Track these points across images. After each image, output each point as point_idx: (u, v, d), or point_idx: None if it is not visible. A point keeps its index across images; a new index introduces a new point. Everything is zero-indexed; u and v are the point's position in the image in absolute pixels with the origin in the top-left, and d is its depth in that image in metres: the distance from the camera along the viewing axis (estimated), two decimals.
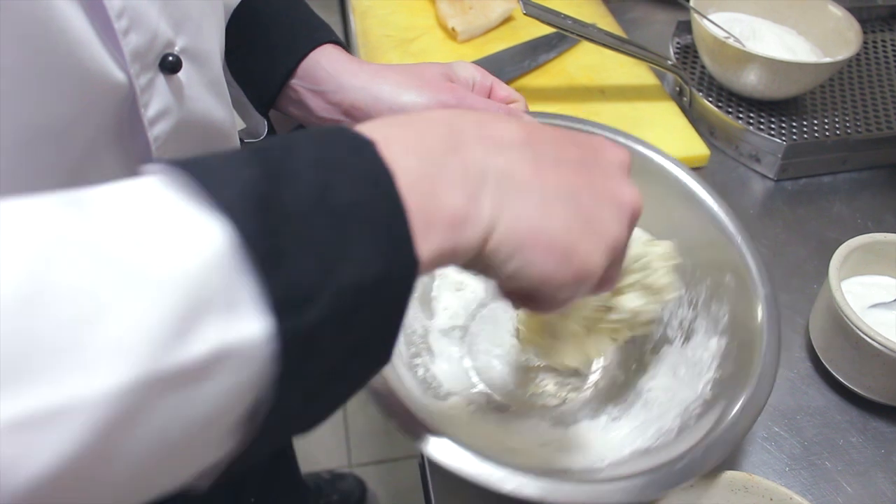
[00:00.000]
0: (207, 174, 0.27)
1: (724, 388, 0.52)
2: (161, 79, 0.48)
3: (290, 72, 0.61)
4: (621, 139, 0.66)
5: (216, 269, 0.25)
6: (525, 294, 0.38)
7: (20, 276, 0.23)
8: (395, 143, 0.31)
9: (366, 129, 0.32)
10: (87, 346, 0.23)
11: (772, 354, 0.52)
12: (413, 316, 0.63)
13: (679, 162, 0.64)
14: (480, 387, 0.60)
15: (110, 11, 0.42)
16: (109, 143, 0.47)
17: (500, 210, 0.34)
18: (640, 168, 0.64)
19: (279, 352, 0.26)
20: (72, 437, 0.23)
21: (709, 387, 0.54)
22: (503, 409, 0.59)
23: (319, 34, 0.63)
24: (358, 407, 1.64)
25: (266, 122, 0.66)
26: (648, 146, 0.65)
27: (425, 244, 0.31)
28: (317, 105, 0.62)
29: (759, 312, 0.55)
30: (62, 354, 0.23)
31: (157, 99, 0.48)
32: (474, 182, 0.33)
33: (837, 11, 0.87)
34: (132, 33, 0.44)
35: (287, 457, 0.87)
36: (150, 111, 0.47)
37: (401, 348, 0.59)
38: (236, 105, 0.70)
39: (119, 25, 0.43)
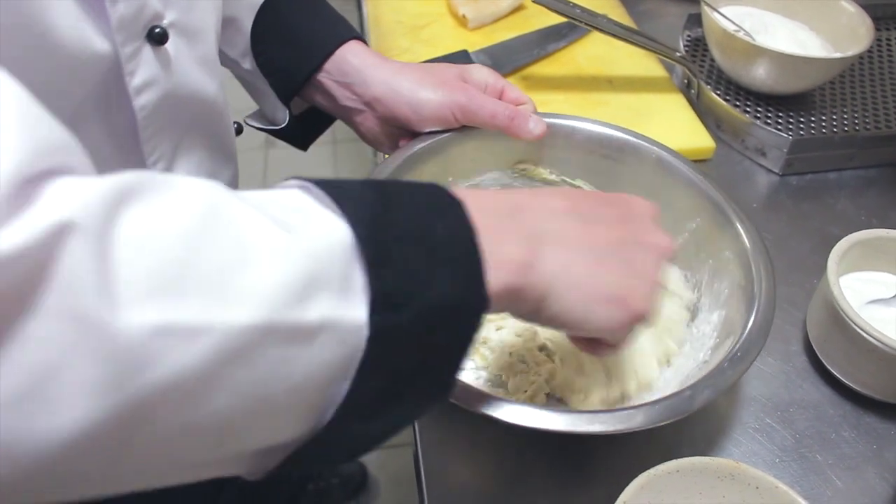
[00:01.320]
0: (338, 189, 0.34)
1: (719, 350, 0.54)
2: (148, 49, 0.49)
3: (319, 65, 0.66)
4: (622, 133, 0.67)
5: (336, 257, 0.32)
6: (590, 339, 0.46)
7: (194, 218, 0.29)
8: (473, 203, 0.38)
9: (454, 190, 0.39)
10: (232, 284, 0.29)
11: (766, 310, 0.54)
12: None
13: (678, 153, 0.65)
14: (491, 359, 0.60)
15: None
16: (94, 112, 0.49)
17: (558, 266, 0.41)
18: (635, 158, 0.65)
19: (369, 340, 0.32)
20: (200, 353, 0.28)
21: (708, 353, 0.56)
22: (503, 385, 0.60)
23: (344, 30, 0.68)
24: None
25: (287, 111, 0.70)
26: (648, 139, 0.66)
27: (495, 280, 0.37)
28: (342, 95, 0.67)
29: (755, 277, 0.56)
30: (212, 285, 0.28)
31: (144, 69, 0.49)
32: (534, 239, 0.41)
33: (850, 7, 0.86)
34: (120, 2, 0.46)
35: None
36: (135, 80, 0.49)
37: None
38: (252, 91, 0.73)
39: None
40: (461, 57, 0.88)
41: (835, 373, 0.60)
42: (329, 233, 0.32)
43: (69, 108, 0.46)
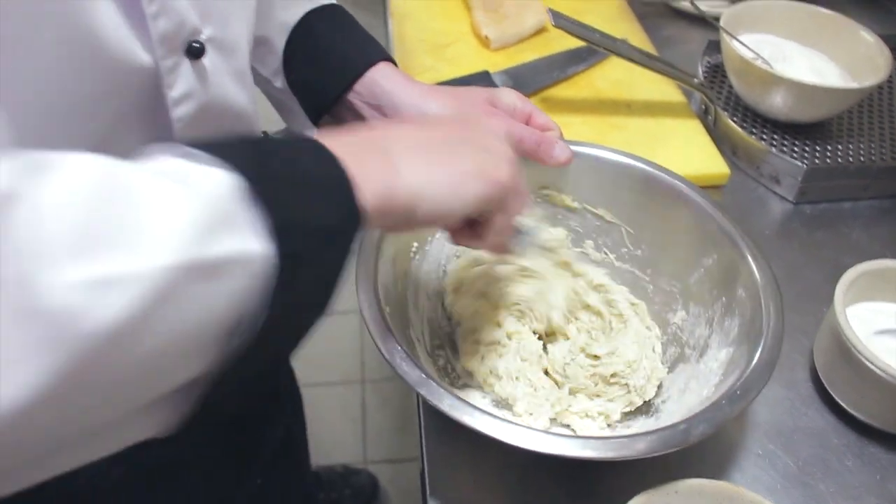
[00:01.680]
0: (217, 147, 0.38)
1: (722, 386, 0.55)
2: (186, 63, 0.51)
3: (349, 86, 0.68)
4: (644, 166, 0.67)
5: (227, 199, 0.35)
6: (468, 229, 0.53)
7: (99, 182, 0.32)
8: (329, 139, 0.43)
9: (324, 138, 0.44)
10: (143, 234, 0.31)
11: (771, 350, 0.54)
12: (441, 314, 0.67)
13: (697, 187, 0.65)
14: (498, 387, 0.61)
15: None
16: (135, 120, 0.51)
17: (415, 167, 0.46)
18: (658, 191, 0.66)
19: (275, 267, 0.36)
20: (126, 301, 0.30)
21: (712, 390, 0.56)
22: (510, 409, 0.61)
23: (375, 52, 0.70)
24: (377, 404, 1.66)
25: (316, 130, 0.72)
26: (670, 172, 0.67)
27: (365, 195, 0.42)
28: (371, 116, 0.69)
29: (765, 316, 0.57)
30: (125, 237, 0.31)
31: (182, 81, 0.52)
32: (388, 153, 0.46)
33: (869, 37, 0.87)
34: (161, 18, 0.48)
35: (297, 442, 0.90)
36: (174, 92, 0.51)
37: (425, 337, 0.63)
38: (282, 110, 0.75)
39: (149, 10, 0.47)
40: (482, 77, 0.90)
41: (840, 402, 0.61)
42: (218, 181, 0.36)
43: (112, 115, 0.49)
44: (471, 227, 0.53)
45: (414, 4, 1.07)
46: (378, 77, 0.68)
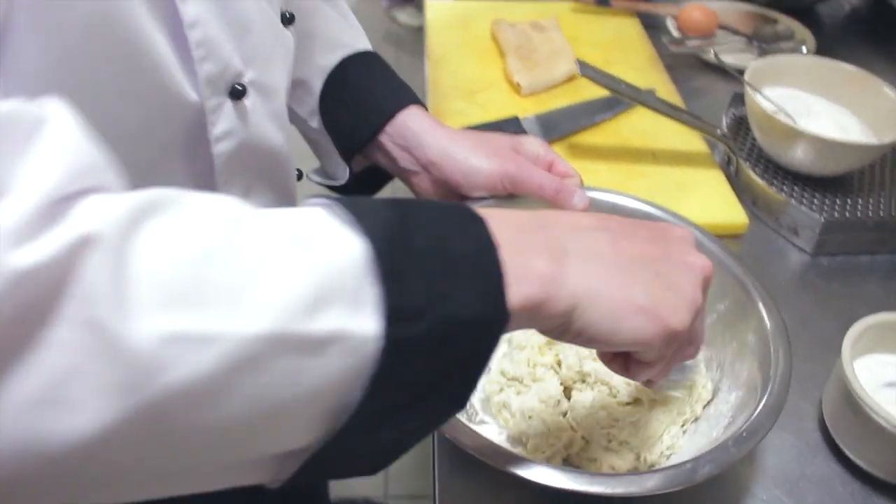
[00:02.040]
0: (358, 206, 0.36)
1: (730, 428, 0.57)
2: (228, 104, 0.56)
3: (381, 127, 0.71)
4: (660, 212, 0.70)
5: (351, 271, 0.34)
6: (622, 357, 0.48)
7: (212, 233, 0.32)
8: (496, 221, 0.40)
9: (476, 209, 0.40)
10: (243, 296, 0.31)
11: (779, 394, 0.56)
12: None
13: (711, 234, 0.68)
14: (511, 423, 0.64)
15: (191, 42, 0.51)
16: (178, 153, 0.55)
17: (585, 279, 0.42)
18: None
19: (382, 352, 0.33)
20: (210, 361, 0.30)
21: (721, 431, 0.59)
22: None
23: (406, 96, 0.73)
24: None
25: (348, 169, 0.76)
26: (684, 219, 0.69)
27: (515, 293, 0.38)
28: (400, 157, 0.72)
29: (774, 362, 0.59)
30: (223, 296, 0.31)
31: (224, 120, 0.56)
32: (559, 251, 0.42)
33: (892, 94, 0.88)
34: (207, 62, 0.52)
35: None
36: (216, 130, 0.55)
37: None
38: (316, 148, 0.79)
39: (197, 54, 0.51)
40: (512, 122, 0.94)
41: (846, 451, 0.62)
42: (344, 247, 0.34)
43: (158, 145, 0.53)
44: (623, 355, 0.49)
45: (450, 50, 1.11)
46: (408, 120, 0.71)
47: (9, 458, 0.29)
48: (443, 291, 0.35)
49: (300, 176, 0.77)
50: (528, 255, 0.40)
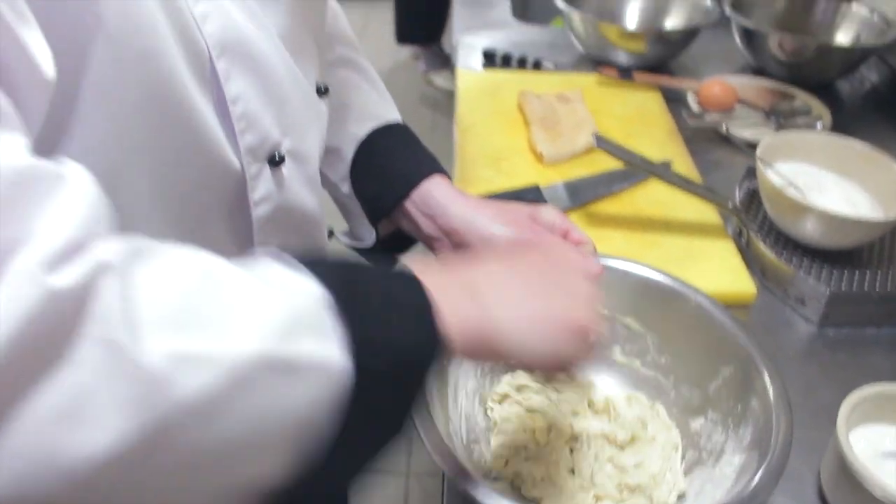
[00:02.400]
0: (306, 260, 0.44)
1: (731, 492, 0.60)
2: (267, 170, 0.61)
3: (406, 194, 0.76)
4: (670, 281, 0.73)
5: (314, 308, 0.40)
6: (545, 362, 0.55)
7: (196, 270, 0.38)
8: (426, 273, 0.48)
9: (416, 270, 0.48)
10: (230, 322, 0.37)
11: (779, 459, 0.58)
12: (476, 409, 0.73)
13: (719, 303, 0.71)
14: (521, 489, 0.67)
15: (233, 115, 0.57)
16: (223, 213, 0.61)
17: (500, 307, 0.51)
18: (682, 306, 0.72)
19: (350, 379, 0.40)
20: (211, 378, 0.35)
21: (725, 494, 0.61)
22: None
23: (430, 166, 0.78)
24: (420, 498, 1.70)
25: (375, 232, 0.81)
26: (693, 288, 0.72)
27: (450, 327, 0.46)
28: (424, 224, 0.76)
29: (775, 428, 0.61)
30: (215, 322, 0.36)
31: (262, 186, 0.61)
32: (477, 292, 0.51)
33: None
34: (248, 133, 0.58)
35: None
36: (255, 194, 0.61)
37: (462, 431, 0.69)
38: (345, 211, 0.85)
39: (239, 127, 0.57)
40: (533, 191, 0.98)
41: None
42: (303, 289, 0.41)
43: (201, 206, 0.59)
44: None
45: (478, 118, 1.17)
46: (432, 188, 0.76)
47: (28, 472, 0.32)
48: (390, 327, 0.43)
49: (331, 234, 0.82)
50: (451, 295, 0.48)
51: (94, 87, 0.47)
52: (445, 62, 3.40)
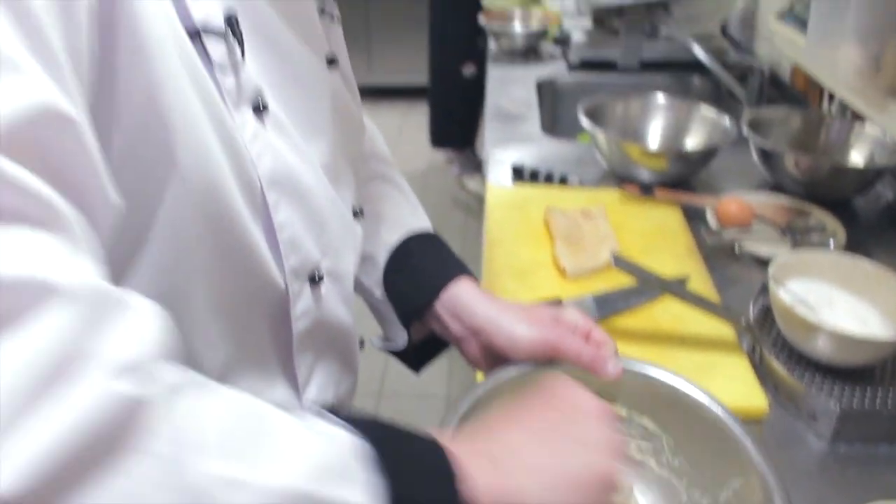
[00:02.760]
0: (352, 420, 0.49)
1: None
2: (308, 288, 0.68)
3: (435, 296, 0.82)
4: (687, 386, 0.77)
5: (349, 455, 0.45)
6: None
7: (245, 403, 0.44)
8: (453, 444, 0.52)
9: (442, 439, 0.53)
10: (271, 456, 0.41)
11: None
12: None
13: (734, 414, 0.74)
14: None
15: (280, 240, 0.64)
16: (266, 326, 0.68)
17: (520, 470, 0.54)
18: (697, 413, 0.75)
19: None
20: (243, 503, 0.39)
21: None
22: None
23: (458, 269, 0.84)
24: None
25: (407, 335, 0.86)
26: (711, 396, 0.76)
27: (477, 490, 0.50)
28: (453, 325, 0.81)
29: None
30: (258, 452, 0.41)
31: (303, 302, 0.68)
32: (498, 463, 0.54)
33: None
34: (292, 256, 0.65)
35: None
36: (296, 310, 0.68)
37: None
38: (379, 317, 0.91)
39: (284, 250, 0.65)
40: (555, 305, 1.04)
41: None
42: (341, 437, 0.46)
43: (251, 319, 0.66)
44: None
45: (506, 231, 1.24)
46: (460, 291, 0.81)
47: None
48: (418, 486, 0.47)
49: (361, 344, 0.88)
50: (475, 463, 0.51)
51: (165, 218, 0.55)
52: (478, 167, 3.52)
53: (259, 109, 0.60)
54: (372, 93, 4.82)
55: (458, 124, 3.70)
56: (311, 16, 0.69)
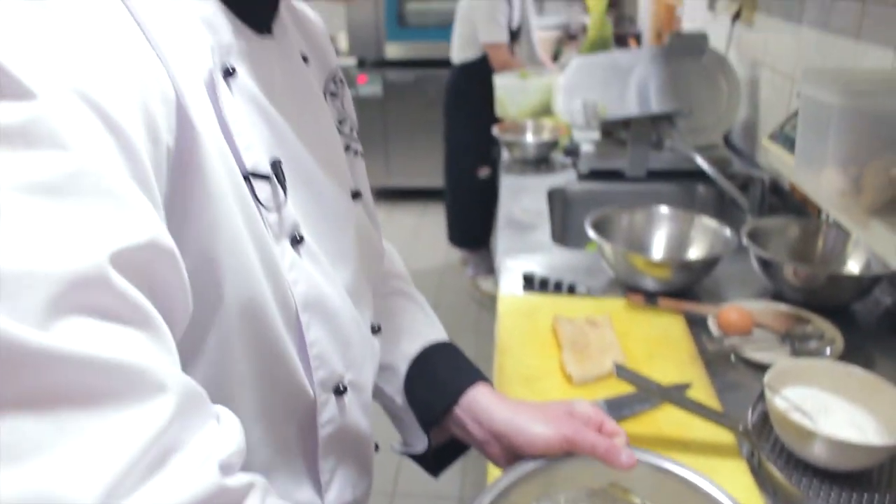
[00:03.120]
0: None
1: None
2: (333, 399, 0.75)
3: (454, 402, 0.87)
4: (698, 478, 0.80)
5: None
6: None
7: None
8: None
9: None
10: None
11: None
12: None
13: (736, 501, 0.78)
14: None
15: (310, 356, 0.71)
16: (295, 431, 0.74)
17: None
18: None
19: None
20: None
21: None
22: None
23: (475, 376, 0.90)
24: None
25: (427, 440, 0.92)
26: (721, 489, 0.79)
27: None
28: (472, 428, 0.87)
29: None
30: None
31: (328, 411, 0.75)
32: None
33: None
34: (321, 370, 0.72)
35: None
36: (322, 418, 0.74)
37: None
38: (400, 424, 0.97)
39: (314, 364, 0.72)
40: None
41: None
42: None
43: (284, 424, 0.72)
44: None
45: (516, 339, 1.30)
46: (477, 395, 0.87)
47: None
48: None
49: (377, 448, 0.93)
50: None
51: (214, 336, 0.63)
52: (492, 268, 3.61)
53: (296, 241, 0.68)
54: (390, 195, 4.99)
55: (472, 227, 3.81)
56: (340, 154, 0.78)
